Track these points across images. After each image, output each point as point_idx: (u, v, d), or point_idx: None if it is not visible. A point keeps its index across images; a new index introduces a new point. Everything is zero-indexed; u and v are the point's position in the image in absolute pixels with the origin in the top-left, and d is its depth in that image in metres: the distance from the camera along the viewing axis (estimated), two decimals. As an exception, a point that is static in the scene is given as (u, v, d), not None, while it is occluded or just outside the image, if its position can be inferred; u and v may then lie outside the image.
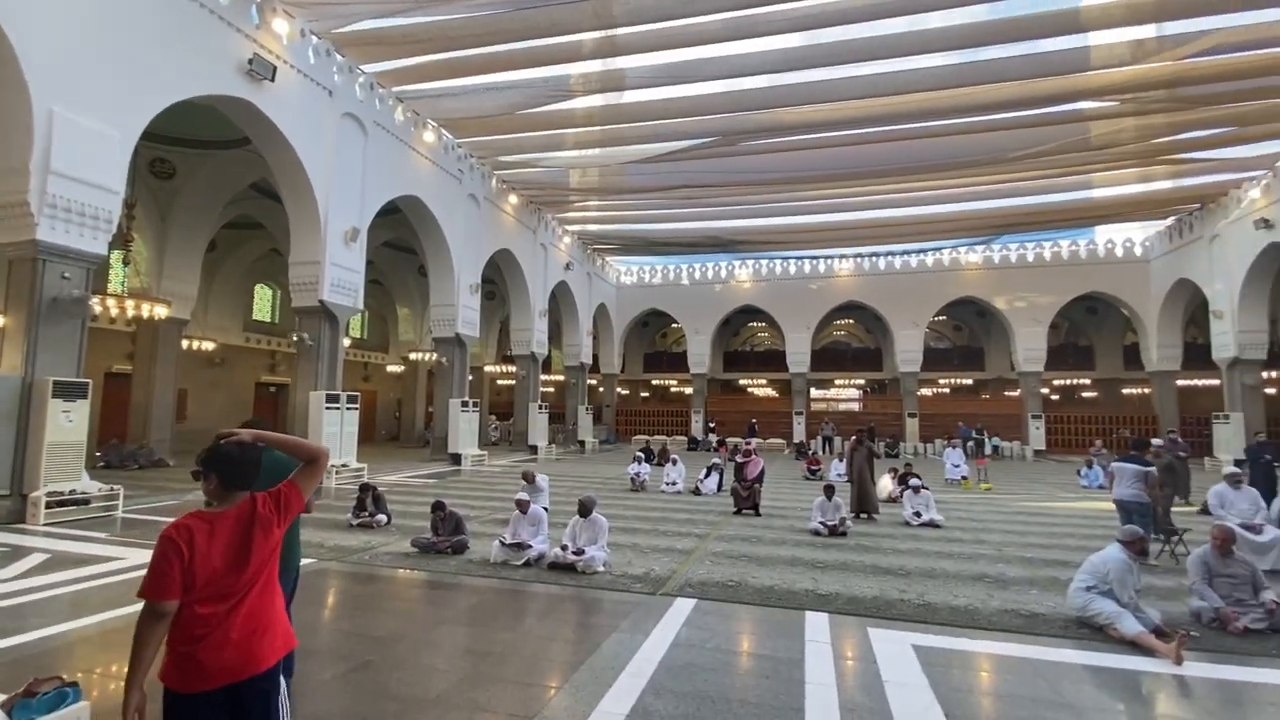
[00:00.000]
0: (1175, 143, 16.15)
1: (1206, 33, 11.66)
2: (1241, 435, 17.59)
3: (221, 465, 1.91)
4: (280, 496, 2.00)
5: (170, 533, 1.80)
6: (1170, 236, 22.51)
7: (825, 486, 8.67)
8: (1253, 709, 3.57)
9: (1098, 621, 4.45)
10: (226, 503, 1.92)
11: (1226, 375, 19.63)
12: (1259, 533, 6.41)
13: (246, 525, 1.90)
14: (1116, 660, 4.08)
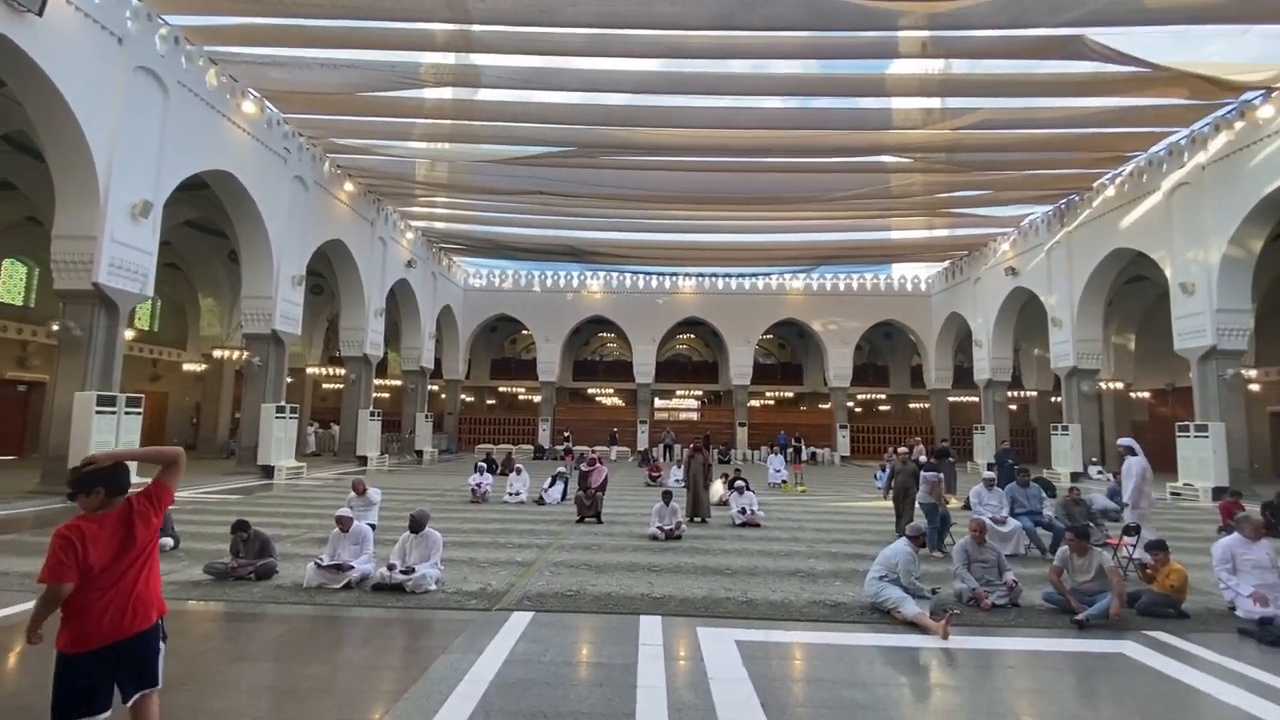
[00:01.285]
0: (951, 199, 19.38)
1: (976, 110, 14.16)
2: (993, 443, 21.38)
3: (109, 482, 2.43)
4: (151, 493, 2.52)
5: (64, 531, 2.29)
6: (946, 276, 26.87)
7: (664, 493, 9.04)
8: (998, 671, 4.33)
9: (886, 606, 5.13)
10: (108, 508, 2.41)
11: (984, 394, 23.83)
12: (1004, 524, 7.83)
13: (128, 519, 2.42)
14: (901, 639, 4.72)
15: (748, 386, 29.07)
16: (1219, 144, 13.98)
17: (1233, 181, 13.66)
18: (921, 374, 29.51)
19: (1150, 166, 15.96)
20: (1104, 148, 15.70)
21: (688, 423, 31.85)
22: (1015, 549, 7.75)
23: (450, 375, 28.99)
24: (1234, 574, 5.32)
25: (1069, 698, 3.92)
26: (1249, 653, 4.57)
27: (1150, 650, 4.55)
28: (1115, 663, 4.38)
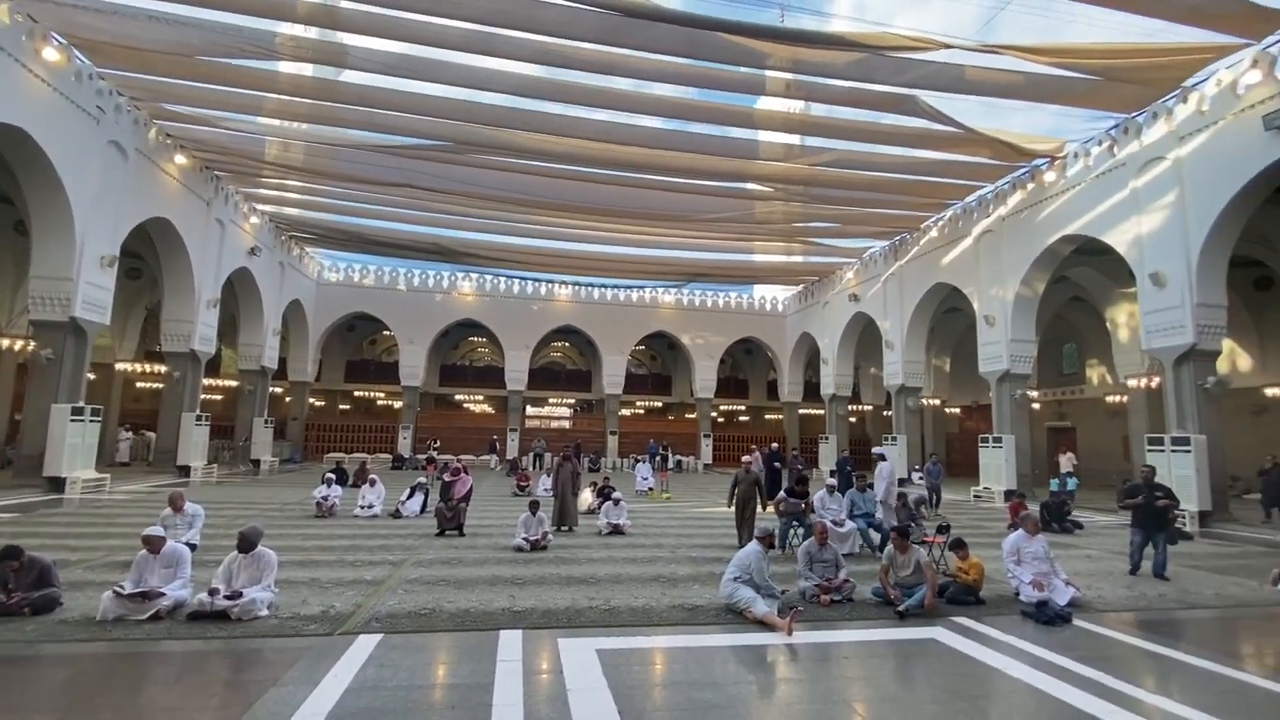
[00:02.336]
0: (807, 228, 21.16)
1: (830, 150, 15.62)
2: (836, 451, 23.49)
3: None
4: None
5: None
6: (800, 299, 29.25)
7: (530, 502, 8.88)
8: (834, 661, 4.72)
9: (739, 607, 5.43)
10: None
11: (829, 407, 26.17)
12: (842, 525, 8.62)
13: None
14: (751, 638, 5.01)
15: (620, 396, 29.51)
16: (1015, 199, 16.62)
17: (1024, 232, 16.28)
18: (777, 388, 31.74)
19: (964, 214, 18.58)
20: (930, 194, 18.02)
21: (560, 431, 31.62)
22: (851, 548, 8.56)
23: (297, 376, 26.41)
24: (1019, 564, 6.27)
25: (891, 681, 4.40)
26: (1029, 631, 5.40)
27: (955, 634, 5.22)
28: (929, 647, 4.98)
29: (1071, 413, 24.63)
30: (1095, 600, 6.36)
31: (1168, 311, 12.44)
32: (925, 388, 23.48)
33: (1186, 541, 10.25)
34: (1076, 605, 5.95)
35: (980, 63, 11.82)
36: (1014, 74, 11.96)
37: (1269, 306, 17.70)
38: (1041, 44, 11.21)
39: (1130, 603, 6.40)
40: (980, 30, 43.10)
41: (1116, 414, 20.96)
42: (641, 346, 34.10)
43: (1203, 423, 12.07)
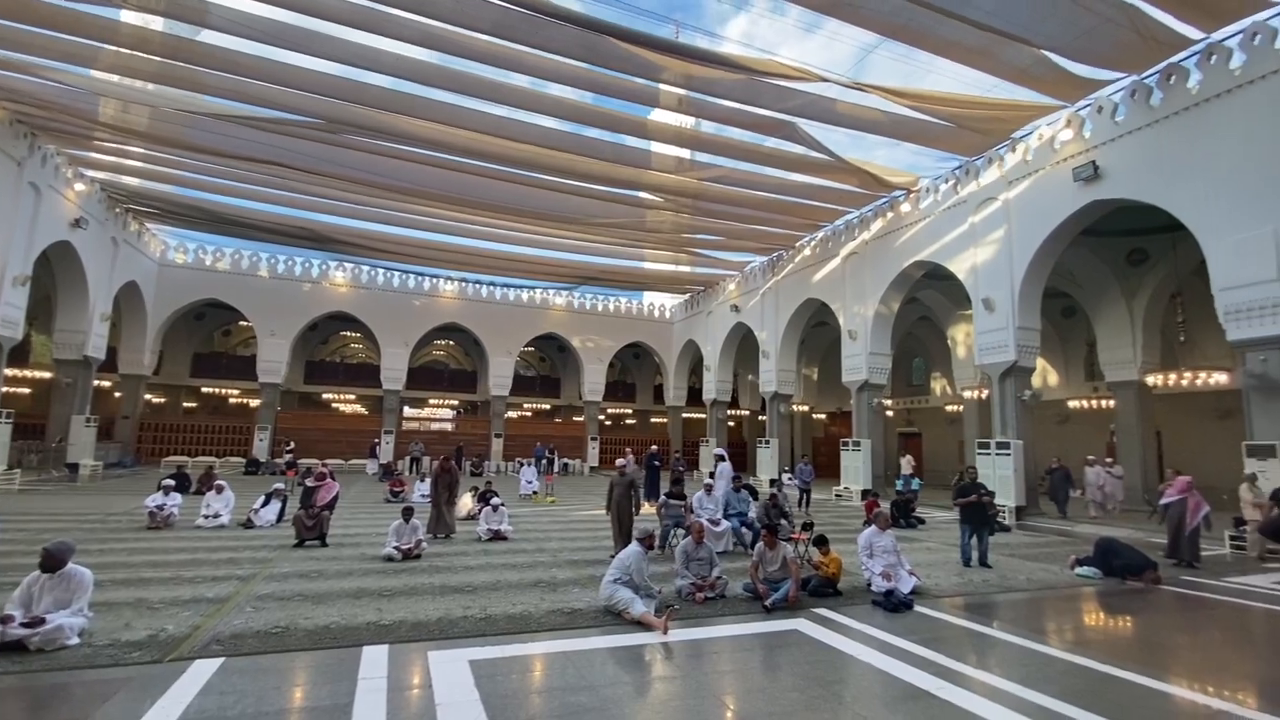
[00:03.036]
0: (694, 239, 21.94)
1: (718, 167, 16.32)
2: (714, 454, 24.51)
3: None
4: None
5: None
6: (686, 307, 30.25)
7: (404, 509, 8.43)
8: (706, 657, 4.90)
9: (618, 608, 5.49)
10: None
11: (710, 411, 27.26)
12: (717, 524, 9.00)
13: None
14: (628, 639, 5.08)
15: (507, 397, 28.81)
16: (877, 226, 18.30)
17: (883, 256, 17.97)
18: (663, 392, 32.56)
19: (834, 235, 20.16)
20: (805, 215, 19.36)
21: (441, 434, 30.26)
22: (725, 546, 8.96)
23: (130, 369, 23.17)
24: (871, 558, 6.89)
25: (757, 672, 4.65)
26: (878, 618, 5.93)
27: (816, 625, 5.63)
28: (792, 638, 5.32)
29: (918, 419, 27.48)
30: (933, 588, 7.12)
31: (996, 332, 14.26)
32: (796, 395, 25.11)
33: (1005, 533, 11.79)
34: (918, 593, 6.63)
35: (851, 98, 12.91)
36: (879, 112, 13.18)
37: (1072, 332, 20.84)
38: (903, 88, 12.47)
39: (961, 589, 7.24)
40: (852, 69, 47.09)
41: (954, 421, 23.67)
42: (531, 348, 33.59)
43: (1020, 429, 13.96)
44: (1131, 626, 6.33)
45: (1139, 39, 10.57)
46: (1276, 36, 10.04)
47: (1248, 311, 10.00)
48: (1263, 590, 7.45)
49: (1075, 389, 20.89)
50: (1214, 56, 10.78)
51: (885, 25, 10.78)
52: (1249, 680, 4.70)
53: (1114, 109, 12.27)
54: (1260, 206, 9.91)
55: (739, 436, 33.33)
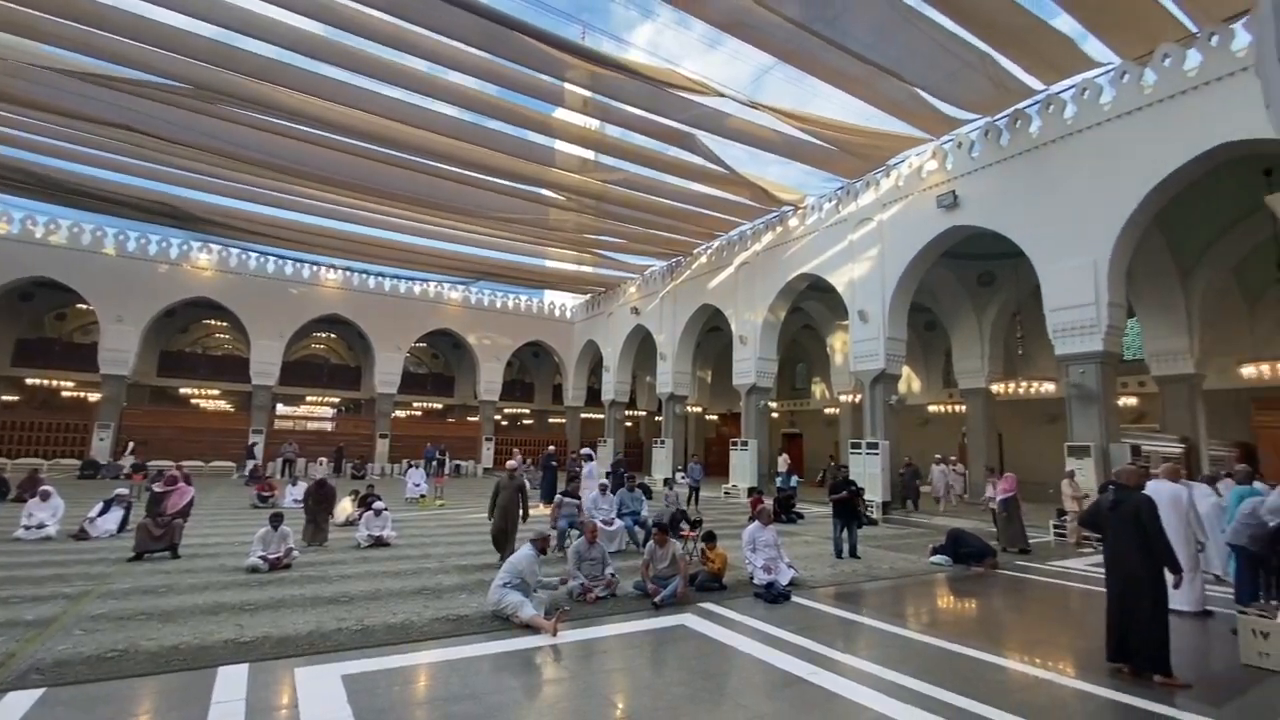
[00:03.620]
0: (597, 240, 22.01)
1: (621, 171, 16.48)
2: (613, 454, 24.70)
3: None
4: None
5: None
6: (587, 308, 30.28)
7: (272, 515, 7.78)
8: (596, 656, 4.94)
9: (506, 612, 5.40)
10: None
11: (608, 412, 27.45)
12: (611, 524, 9.09)
13: None
14: (517, 643, 5.01)
15: (394, 396, 27.33)
16: (767, 239, 19.30)
17: (772, 267, 18.98)
18: (562, 392, 32.33)
19: (729, 245, 21.02)
20: (703, 224, 20.03)
21: (319, 433, 28.15)
22: (619, 546, 9.07)
23: (-75, 356, 19.57)
24: (754, 552, 7.24)
25: (645, 668, 4.75)
26: (759, 610, 6.25)
27: (701, 619, 5.84)
28: (678, 633, 5.49)
29: (800, 421, 29.28)
30: (809, 579, 7.62)
31: (869, 342, 15.50)
32: (691, 396, 25.89)
33: (872, 526, 12.84)
34: (796, 584, 7.07)
35: (747, 115, 13.54)
36: (772, 131, 13.91)
37: (933, 343, 23.09)
38: (794, 110, 13.25)
39: (833, 579, 7.80)
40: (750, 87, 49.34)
41: (831, 423, 25.45)
42: (423, 344, 32.09)
43: (887, 431, 15.26)
44: (975, 608, 7.12)
45: (992, 85, 11.93)
46: (1101, 93, 11.72)
47: (1071, 330, 11.59)
48: (1078, 572, 8.64)
49: (934, 395, 23.17)
50: (1051, 106, 12.39)
51: (779, 48, 11.42)
52: (1067, 650, 5.45)
53: (971, 145, 13.76)
54: (1084, 239, 11.51)
55: (636, 437, 33.82)
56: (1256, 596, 5.94)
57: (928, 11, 10.12)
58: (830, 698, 4.12)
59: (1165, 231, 13.69)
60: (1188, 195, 11.67)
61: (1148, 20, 10.30)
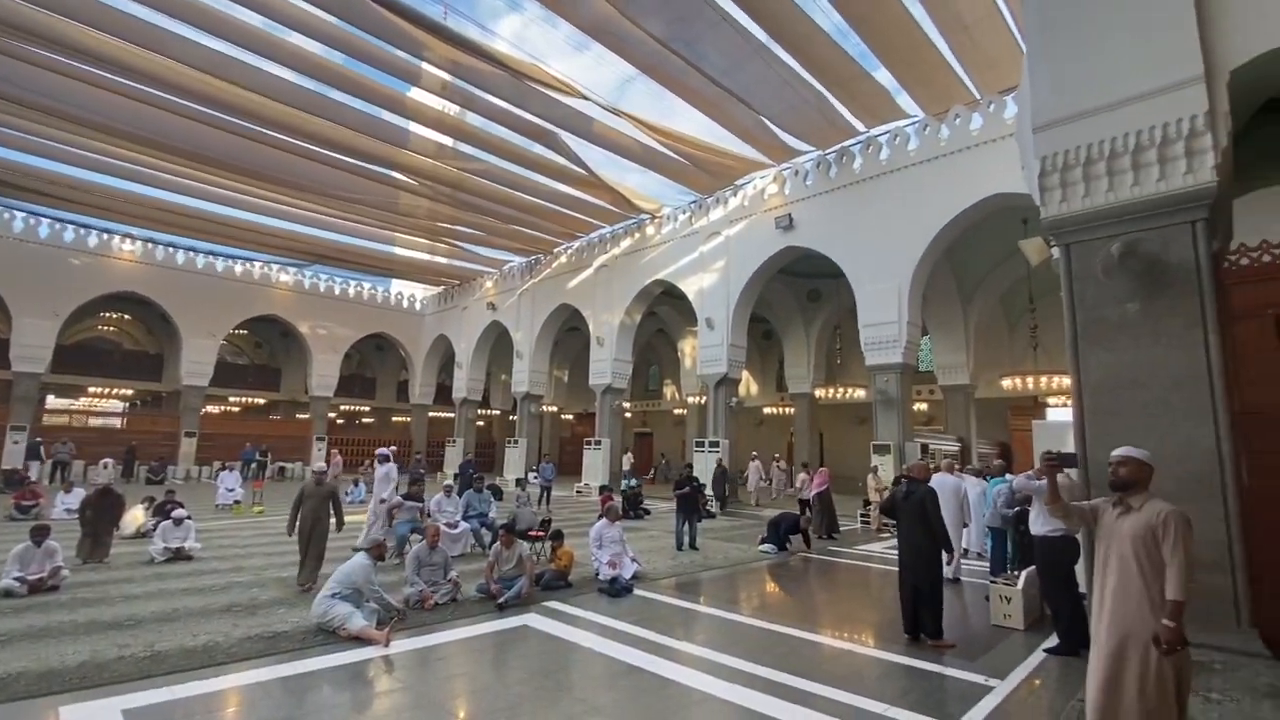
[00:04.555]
0: (452, 230, 21.12)
1: (481, 161, 15.98)
2: (462, 454, 23.82)
3: None
4: None
5: None
6: (440, 300, 28.91)
7: (34, 528, 6.51)
8: (434, 664, 4.77)
9: (333, 625, 5.03)
10: None
11: (459, 410, 26.40)
12: (455, 527, 8.80)
13: None
14: (344, 657, 4.69)
15: (206, 389, 23.92)
16: (626, 243, 19.85)
17: (630, 272, 19.55)
18: (408, 388, 30.49)
19: (589, 247, 21.28)
20: (564, 223, 20.07)
21: (104, 430, 23.86)
22: (464, 549, 8.80)
23: None
24: (600, 548, 7.43)
25: (486, 671, 4.69)
26: (603, 605, 6.43)
27: (546, 617, 5.88)
28: (521, 633, 5.48)
29: (652, 421, 30.40)
30: (651, 572, 7.97)
31: (714, 348, 16.57)
32: (547, 395, 25.77)
33: (711, 519, 13.71)
34: (639, 577, 7.37)
35: (609, 121, 13.82)
36: (632, 140, 14.35)
37: (769, 351, 25.20)
38: (654, 122, 13.78)
39: (673, 570, 8.24)
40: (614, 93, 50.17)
41: (680, 423, 26.76)
42: (244, 330, 28.53)
43: (727, 430, 16.40)
44: (793, 590, 7.92)
45: (825, 122, 13.34)
46: (909, 140, 13.58)
47: (879, 344, 13.31)
48: (879, 554, 9.94)
49: (769, 398, 25.29)
50: (870, 147, 14.14)
51: (642, 61, 11.82)
52: (867, 624, 6.27)
53: (806, 174, 15.27)
54: (891, 266, 13.27)
55: (489, 436, 32.88)
56: (1005, 568, 7.29)
57: (775, 48, 11.08)
58: (664, 684, 4.37)
59: (953, 263, 16.23)
60: (970, 234, 13.93)
61: (945, 83, 12.16)
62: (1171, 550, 2.77)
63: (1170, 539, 2.79)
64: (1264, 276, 4.90)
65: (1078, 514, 3.25)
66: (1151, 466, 3.08)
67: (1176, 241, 5.13)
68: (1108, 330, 5.36)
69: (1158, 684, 2.73)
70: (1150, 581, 2.81)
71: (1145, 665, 2.76)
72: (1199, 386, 4.94)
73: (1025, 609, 5.85)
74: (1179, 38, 5.19)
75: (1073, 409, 5.52)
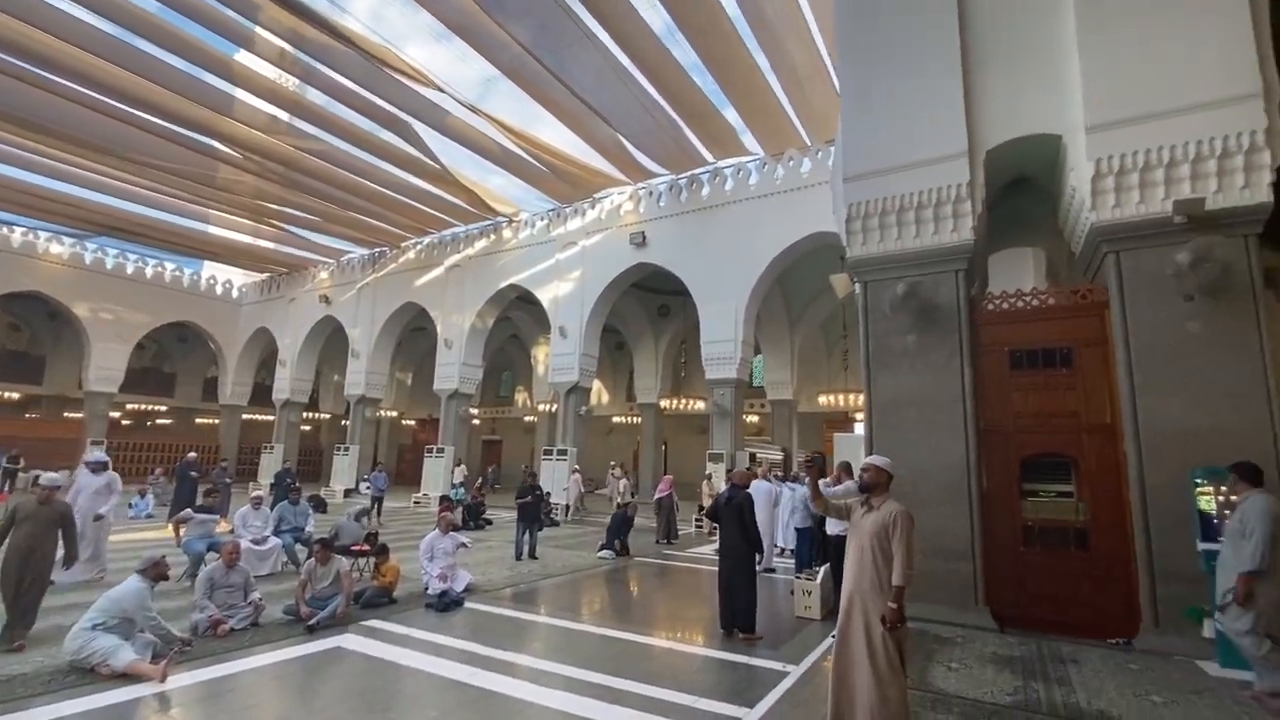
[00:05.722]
0: (282, 212, 19.10)
1: (321, 141, 14.67)
2: (280, 462, 21.42)
3: None
4: None
5: None
6: (263, 289, 25.89)
7: None
8: (225, 696, 4.21)
9: (92, 662, 4.30)
10: None
11: (280, 413, 23.75)
12: (263, 543, 7.93)
13: None
14: (106, 698, 4.03)
15: (-76, 377, 19.11)
16: (481, 244, 19.33)
17: (484, 274, 19.06)
18: (218, 387, 26.81)
19: (440, 244, 20.40)
20: (414, 217, 19.01)
21: None
22: (274, 567, 7.97)
23: None
24: (431, 561, 7.13)
25: (289, 698, 4.29)
26: (431, 620, 6.16)
27: (364, 637, 5.51)
28: (334, 655, 5.09)
29: (501, 428, 29.70)
30: (486, 583, 7.80)
31: (566, 355, 16.67)
32: (386, 399, 24.13)
33: (556, 527, 13.73)
34: (472, 590, 7.17)
35: (469, 119, 13.44)
36: (492, 141, 14.08)
37: (620, 362, 25.88)
38: (516, 127, 13.62)
39: (510, 580, 8.12)
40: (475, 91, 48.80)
41: (530, 430, 26.46)
42: (-10, 309, 23.29)
43: (576, 438, 16.55)
44: (627, 594, 8.19)
45: (678, 149, 14.12)
46: (750, 175, 14.79)
47: (718, 360, 14.28)
48: (708, 556, 10.58)
49: (619, 407, 25.92)
50: (717, 178, 15.19)
51: (506, 64, 11.67)
52: (692, 622, 6.66)
53: (659, 196, 16.02)
54: (730, 288, 14.33)
55: (315, 442, 29.96)
56: (809, 564, 8.15)
57: (636, 74, 11.53)
58: (488, 696, 4.31)
59: (784, 290, 17.91)
60: (799, 265, 15.47)
61: (783, 129, 13.45)
62: (897, 543, 3.34)
63: (897, 534, 3.36)
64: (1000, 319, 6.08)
65: (835, 511, 3.81)
66: (890, 473, 3.67)
67: (944, 286, 6.18)
68: (892, 357, 6.30)
69: (886, 656, 3.28)
70: (881, 569, 3.38)
71: (873, 638, 3.31)
72: (956, 407, 5.98)
73: (822, 600, 6.60)
74: (953, 119, 6.29)
75: (865, 423, 6.39)
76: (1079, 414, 5.94)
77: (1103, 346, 5.83)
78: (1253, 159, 5.21)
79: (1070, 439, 5.96)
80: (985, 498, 5.98)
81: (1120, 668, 4.98)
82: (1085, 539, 5.90)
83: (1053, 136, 6.11)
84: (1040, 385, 6.02)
